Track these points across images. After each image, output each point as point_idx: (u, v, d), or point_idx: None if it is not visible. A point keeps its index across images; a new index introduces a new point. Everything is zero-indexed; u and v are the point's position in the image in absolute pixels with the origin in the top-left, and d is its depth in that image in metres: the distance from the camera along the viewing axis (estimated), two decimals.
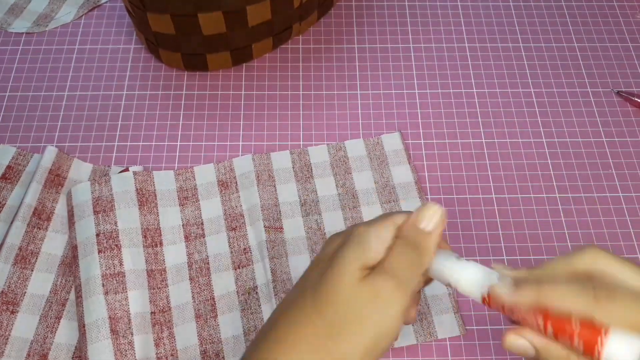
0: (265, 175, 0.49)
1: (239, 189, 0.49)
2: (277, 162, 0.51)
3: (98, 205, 0.46)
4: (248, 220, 0.48)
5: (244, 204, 0.49)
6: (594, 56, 0.58)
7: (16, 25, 0.60)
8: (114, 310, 0.42)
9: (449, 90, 0.56)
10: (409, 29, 0.60)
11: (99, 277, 0.43)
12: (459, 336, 0.44)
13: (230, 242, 0.47)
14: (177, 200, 0.49)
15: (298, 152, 0.51)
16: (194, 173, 0.50)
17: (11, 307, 0.43)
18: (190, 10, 0.49)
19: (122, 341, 0.41)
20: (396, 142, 0.52)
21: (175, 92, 0.56)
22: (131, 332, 0.42)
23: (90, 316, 0.42)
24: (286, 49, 0.58)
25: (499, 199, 0.50)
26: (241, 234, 0.47)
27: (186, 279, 0.45)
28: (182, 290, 0.45)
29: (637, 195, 0.50)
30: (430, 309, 0.44)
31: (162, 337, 0.43)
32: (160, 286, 0.45)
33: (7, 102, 0.55)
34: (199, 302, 0.45)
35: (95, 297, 0.42)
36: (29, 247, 0.46)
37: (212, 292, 0.45)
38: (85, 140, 0.53)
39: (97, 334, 0.41)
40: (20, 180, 0.50)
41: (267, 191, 0.49)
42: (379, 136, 0.52)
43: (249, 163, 0.50)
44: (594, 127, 0.53)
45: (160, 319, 0.44)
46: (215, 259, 0.46)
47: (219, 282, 0.45)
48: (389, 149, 0.52)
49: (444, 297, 0.45)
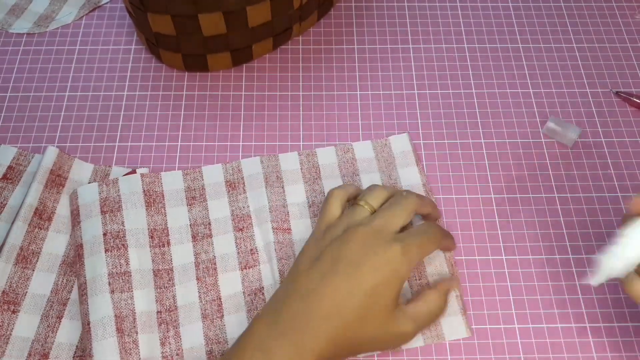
0: (273, 177, 0.50)
1: (247, 189, 0.49)
2: (285, 163, 0.51)
3: (105, 206, 0.47)
4: (255, 221, 0.48)
5: (252, 204, 0.49)
6: (593, 57, 0.58)
7: (17, 26, 0.60)
8: (120, 308, 0.42)
9: (449, 90, 0.56)
10: (408, 30, 0.60)
11: (105, 275, 0.43)
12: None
13: (237, 242, 0.47)
14: (184, 200, 0.49)
15: (306, 153, 0.51)
16: (202, 173, 0.50)
17: (12, 306, 0.44)
18: (190, 11, 0.49)
19: (127, 339, 0.41)
20: (404, 143, 0.52)
21: (176, 93, 0.56)
22: (136, 331, 0.42)
23: (96, 314, 0.42)
24: (286, 50, 0.58)
25: (497, 199, 0.50)
26: (248, 234, 0.47)
27: (193, 278, 0.46)
28: (188, 290, 0.45)
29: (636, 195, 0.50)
30: None
31: (168, 337, 0.43)
32: (167, 285, 0.45)
33: (8, 103, 0.55)
34: (206, 302, 0.45)
35: (101, 295, 0.43)
36: (30, 247, 0.46)
37: (218, 293, 0.45)
38: (86, 141, 0.53)
39: (103, 332, 0.41)
40: (21, 181, 0.50)
41: (275, 192, 0.49)
42: (387, 138, 0.52)
43: (257, 165, 0.50)
44: (592, 127, 0.54)
45: (166, 318, 0.44)
46: (222, 260, 0.46)
47: (226, 283, 0.45)
48: (397, 151, 0.52)
49: (450, 299, 0.45)
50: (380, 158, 0.51)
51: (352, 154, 0.51)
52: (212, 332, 0.43)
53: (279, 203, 0.48)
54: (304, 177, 0.50)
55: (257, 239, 0.47)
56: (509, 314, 0.45)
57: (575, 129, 0.50)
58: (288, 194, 0.49)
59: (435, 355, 0.43)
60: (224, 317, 0.44)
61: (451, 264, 0.46)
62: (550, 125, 0.51)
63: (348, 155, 0.51)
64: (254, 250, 0.47)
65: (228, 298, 0.45)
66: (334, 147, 0.52)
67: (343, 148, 0.52)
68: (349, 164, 0.51)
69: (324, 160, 0.51)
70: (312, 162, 0.51)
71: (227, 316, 0.44)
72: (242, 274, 0.46)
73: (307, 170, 0.50)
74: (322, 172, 0.50)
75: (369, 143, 0.52)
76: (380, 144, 0.52)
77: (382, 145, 0.52)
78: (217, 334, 0.43)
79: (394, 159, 0.51)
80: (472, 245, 0.48)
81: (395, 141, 0.52)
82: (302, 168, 0.51)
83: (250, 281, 0.45)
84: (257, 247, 0.47)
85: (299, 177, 0.50)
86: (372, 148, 0.52)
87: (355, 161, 0.51)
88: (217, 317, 0.44)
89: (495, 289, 0.46)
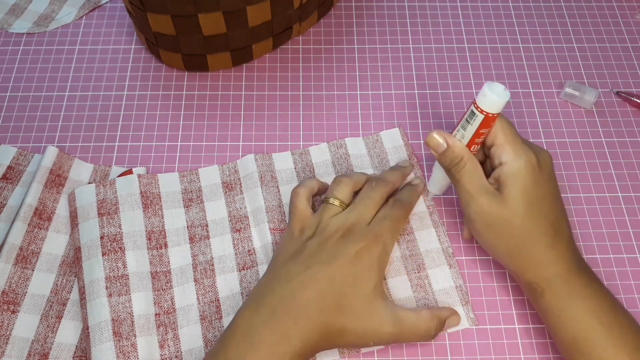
0: (268, 176, 0.50)
1: (244, 190, 0.49)
2: (279, 163, 0.51)
3: (102, 208, 0.47)
4: (253, 222, 0.48)
5: (249, 205, 0.49)
6: (593, 56, 0.58)
7: (17, 26, 0.60)
8: (117, 312, 0.42)
9: (449, 90, 0.56)
10: (408, 30, 0.60)
11: (103, 279, 0.43)
12: (459, 334, 0.44)
13: (234, 243, 0.47)
14: (181, 202, 0.49)
15: (299, 152, 0.51)
16: (198, 175, 0.50)
17: (12, 306, 0.44)
18: (190, 11, 0.49)
19: (125, 343, 0.41)
20: (396, 138, 0.52)
21: (176, 93, 0.56)
22: (134, 334, 0.42)
23: (94, 319, 0.42)
24: (286, 49, 0.58)
25: None
26: (246, 235, 0.47)
27: (191, 280, 0.45)
28: (187, 292, 0.45)
29: (636, 195, 0.50)
30: (438, 304, 0.44)
31: (166, 339, 0.43)
32: (165, 288, 0.45)
33: (7, 103, 0.55)
34: (204, 303, 0.45)
35: (98, 300, 0.43)
36: (29, 247, 0.46)
37: (217, 294, 0.45)
38: (86, 141, 0.53)
39: (100, 336, 0.41)
40: (21, 181, 0.50)
41: (270, 192, 0.49)
42: (378, 133, 0.53)
43: (251, 163, 0.50)
44: (593, 127, 0.53)
45: (165, 321, 0.44)
46: (220, 261, 0.46)
47: (224, 284, 0.45)
48: (388, 146, 0.52)
49: (451, 291, 0.45)
50: (372, 154, 0.51)
51: (345, 149, 0.52)
52: (211, 333, 0.43)
53: (274, 203, 0.48)
54: (298, 177, 0.50)
55: (254, 240, 0.47)
56: (509, 314, 0.45)
57: (593, 91, 0.53)
58: (283, 194, 0.49)
59: (435, 356, 0.43)
60: (222, 318, 0.44)
61: (446, 240, 0.47)
62: (568, 90, 0.54)
63: (341, 151, 0.52)
64: (251, 251, 0.47)
65: (226, 299, 0.45)
66: (327, 144, 0.52)
67: (336, 144, 0.52)
68: (342, 159, 0.51)
69: (318, 159, 0.51)
70: (305, 161, 0.51)
71: (226, 317, 0.44)
72: (240, 274, 0.46)
73: (302, 169, 0.50)
74: (317, 170, 0.51)
75: (361, 139, 0.52)
76: (372, 140, 0.52)
77: (374, 142, 0.52)
78: (216, 336, 0.43)
79: (387, 154, 0.51)
80: (472, 245, 0.48)
81: (386, 136, 0.52)
82: (296, 167, 0.51)
83: (248, 282, 0.45)
84: (254, 247, 0.47)
85: (293, 176, 0.50)
86: (364, 144, 0.52)
87: (349, 157, 0.51)
88: (216, 318, 0.44)
89: (495, 289, 0.46)
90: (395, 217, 0.43)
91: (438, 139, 0.41)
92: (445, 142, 0.41)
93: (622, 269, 0.47)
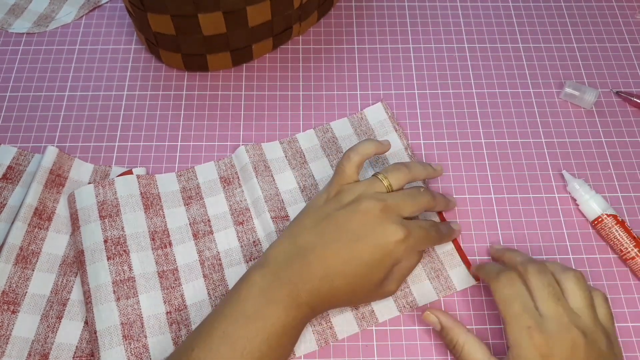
0: (261, 166, 0.50)
1: (242, 183, 0.50)
2: (270, 152, 0.51)
3: (104, 210, 0.47)
4: (254, 213, 0.48)
5: (248, 197, 0.49)
6: (593, 56, 0.58)
7: (17, 26, 0.60)
8: (127, 315, 0.43)
9: (449, 90, 0.56)
10: (408, 30, 0.60)
11: (110, 284, 0.44)
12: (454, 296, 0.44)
13: (239, 236, 0.48)
14: (181, 201, 0.49)
15: (287, 140, 0.52)
16: (195, 172, 0.50)
17: (12, 307, 0.44)
18: (190, 11, 0.49)
19: (136, 345, 0.42)
20: (380, 112, 0.53)
21: (176, 93, 0.56)
22: (145, 335, 0.42)
23: (102, 323, 0.42)
24: (286, 49, 0.58)
25: (498, 199, 0.50)
26: (249, 227, 0.48)
27: (200, 276, 0.46)
28: (197, 289, 0.45)
29: (636, 195, 0.50)
30: (444, 265, 0.46)
31: (180, 336, 0.43)
32: (174, 285, 0.45)
33: (7, 103, 0.55)
34: (215, 298, 0.45)
35: (106, 304, 0.43)
36: (30, 247, 0.46)
37: (227, 288, 0.45)
38: (86, 141, 0.53)
39: (110, 340, 0.42)
40: (21, 181, 0.50)
41: (266, 182, 0.49)
42: (362, 111, 0.53)
43: (243, 155, 0.50)
44: (592, 127, 0.54)
45: (177, 318, 0.44)
46: (227, 255, 0.47)
47: (233, 277, 0.46)
48: (373, 122, 0.53)
49: (452, 252, 0.47)
50: (359, 132, 0.52)
51: (332, 133, 0.52)
52: None
53: (272, 192, 0.49)
54: (290, 164, 0.51)
55: (258, 231, 0.48)
56: None
57: (592, 91, 0.53)
58: (279, 183, 0.49)
59: (436, 356, 0.43)
60: None
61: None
62: (568, 90, 0.54)
63: (328, 135, 0.52)
64: (256, 242, 0.47)
65: None
66: (313, 130, 0.52)
67: (322, 129, 0.53)
68: (331, 143, 0.52)
69: (306, 144, 0.52)
70: (295, 148, 0.51)
71: None
72: (248, 266, 0.46)
73: (292, 157, 0.51)
74: (307, 155, 0.51)
75: (346, 120, 0.53)
76: (357, 119, 0.53)
77: (359, 120, 0.53)
78: None
79: (373, 130, 0.52)
80: (472, 245, 0.48)
81: (370, 112, 0.53)
82: (287, 155, 0.51)
83: None
84: (259, 238, 0.47)
85: (285, 165, 0.51)
86: (350, 124, 0.53)
87: (336, 139, 0.52)
88: None
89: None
90: (425, 236, 0.42)
91: (432, 318, 0.42)
92: (439, 322, 0.42)
93: (622, 269, 0.47)
